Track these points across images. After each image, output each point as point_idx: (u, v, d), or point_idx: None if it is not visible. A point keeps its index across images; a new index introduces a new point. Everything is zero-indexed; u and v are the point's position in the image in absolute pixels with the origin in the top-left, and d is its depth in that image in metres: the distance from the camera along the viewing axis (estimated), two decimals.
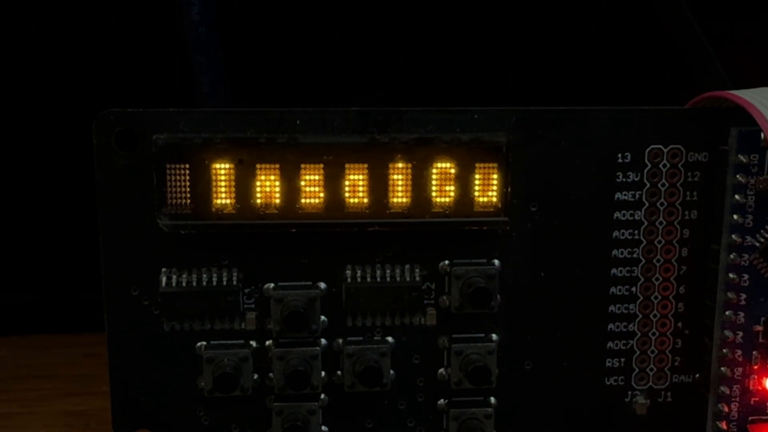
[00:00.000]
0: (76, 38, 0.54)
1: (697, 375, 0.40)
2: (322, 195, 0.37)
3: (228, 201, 0.37)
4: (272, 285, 0.38)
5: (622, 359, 0.40)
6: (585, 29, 0.58)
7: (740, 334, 0.38)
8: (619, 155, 0.38)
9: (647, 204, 0.39)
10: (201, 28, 0.49)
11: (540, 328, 0.39)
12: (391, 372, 0.39)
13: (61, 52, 0.54)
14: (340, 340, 0.39)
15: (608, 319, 0.40)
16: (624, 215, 0.39)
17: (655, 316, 0.40)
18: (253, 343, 0.38)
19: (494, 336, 0.39)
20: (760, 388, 0.39)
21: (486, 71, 0.57)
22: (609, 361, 0.40)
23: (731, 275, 0.38)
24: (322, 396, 0.39)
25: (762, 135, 0.37)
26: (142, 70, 0.54)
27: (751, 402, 0.39)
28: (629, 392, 0.40)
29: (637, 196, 0.39)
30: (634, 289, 0.39)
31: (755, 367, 0.39)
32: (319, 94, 0.56)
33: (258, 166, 0.37)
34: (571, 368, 0.40)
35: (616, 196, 0.39)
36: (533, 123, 0.38)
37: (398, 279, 0.38)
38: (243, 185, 0.37)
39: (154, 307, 0.38)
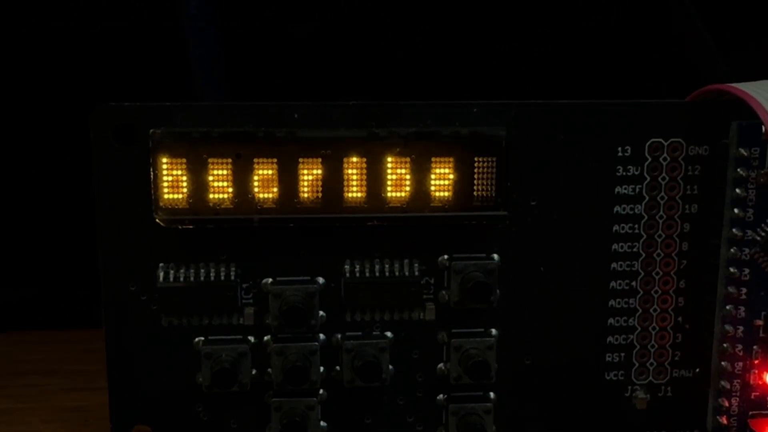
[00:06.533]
0: (74, 32, 0.54)
1: (698, 370, 0.40)
2: (320, 189, 0.37)
3: (226, 195, 0.37)
4: (270, 280, 0.38)
5: (622, 354, 0.40)
6: (585, 22, 0.58)
7: (741, 328, 0.38)
8: (619, 149, 0.38)
9: (647, 198, 0.39)
10: (199, 22, 0.49)
11: (539, 323, 0.39)
12: (390, 367, 0.39)
13: (58, 45, 0.54)
14: (339, 336, 0.39)
15: (608, 313, 0.39)
16: (624, 209, 0.39)
17: (655, 310, 0.40)
18: (252, 339, 0.38)
19: (494, 331, 0.39)
20: (760, 382, 0.39)
21: (486, 64, 0.57)
22: (609, 356, 0.40)
23: (732, 269, 0.38)
24: (321, 391, 0.39)
25: (763, 128, 0.37)
26: (140, 64, 0.54)
27: (752, 397, 0.39)
28: (629, 387, 0.40)
29: (638, 190, 0.38)
30: (634, 283, 0.39)
31: (756, 361, 0.39)
32: (317, 87, 0.56)
33: (256, 160, 0.36)
34: (570, 363, 0.40)
35: (616, 189, 0.38)
36: (533, 117, 0.38)
37: (397, 274, 0.38)
38: (241, 179, 0.37)
39: (152, 303, 0.38)
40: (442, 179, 0.37)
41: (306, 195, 0.37)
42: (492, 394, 0.40)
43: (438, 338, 0.39)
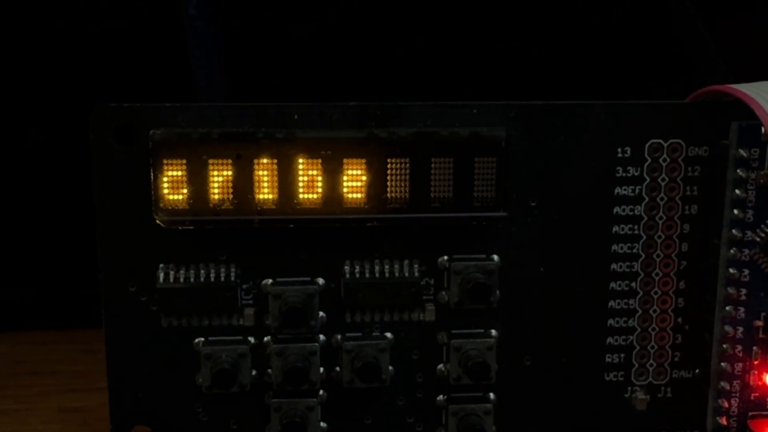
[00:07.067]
0: (74, 32, 0.54)
1: (697, 370, 0.40)
2: (320, 190, 0.37)
3: (226, 196, 0.37)
4: (270, 281, 0.38)
5: (622, 355, 0.40)
6: (585, 22, 0.58)
7: (740, 329, 0.38)
8: (619, 150, 0.38)
9: (647, 199, 0.39)
10: (198, 22, 0.49)
11: (539, 324, 0.39)
12: (390, 368, 0.39)
13: (58, 45, 0.54)
14: (339, 336, 0.39)
15: (608, 314, 0.39)
16: (624, 210, 0.39)
17: (655, 311, 0.40)
18: (252, 339, 0.38)
19: (493, 332, 0.39)
20: (760, 383, 0.39)
21: (486, 64, 0.57)
22: (609, 357, 0.40)
23: (731, 270, 0.38)
24: (321, 392, 0.39)
25: (762, 129, 0.37)
26: (140, 64, 0.54)
27: (751, 397, 0.39)
28: (629, 388, 0.40)
29: (637, 190, 0.38)
30: (633, 284, 0.39)
31: (755, 362, 0.39)
32: (317, 87, 0.56)
33: (256, 161, 0.36)
34: (570, 364, 0.40)
35: (616, 190, 0.38)
36: (532, 118, 0.38)
37: (397, 275, 0.38)
38: (241, 180, 0.36)
39: (151, 303, 0.38)
40: (441, 180, 0.37)
41: (306, 196, 0.37)
42: (492, 395, 0.40)
43: (438, 339, 0.39)
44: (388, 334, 0.39)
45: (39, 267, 0.56)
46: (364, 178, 0.37)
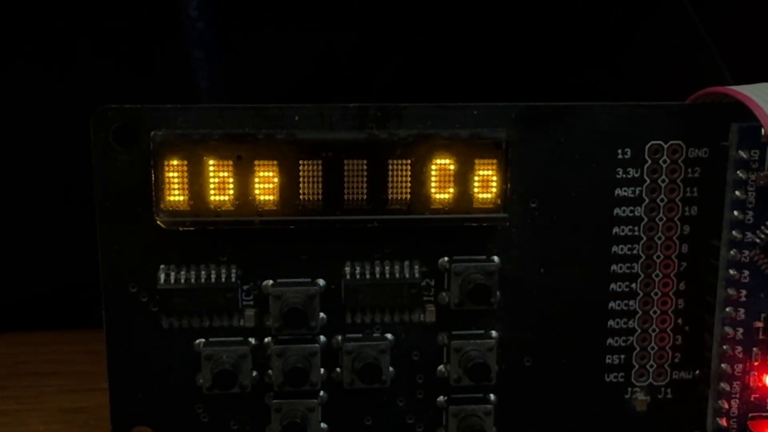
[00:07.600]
0: (74, 32, 0.54)
1: (697, 371, 0.40)
2: (320, 191, 0.37)
3: (226, 197, 0.37)
4: (271, 282, 0.38)
5: (622, 356, 0.40)
6: (585, 22, 0.58)
7: (740, 330, 0.38)
8: (619, 151, 0.38)
9: (647, 200, 0.39)
10: (199, 23, 0.49)
11: (539, 325, 0.39)
12: (391, 369, 0.39)
13: (58, 45, 0.54)
14: (339, 337, 0.39)
15: (608, 315, 0.39)
16: (624, 211, 0.39)
17: (655, 312, 0.40)
18: (252, 340, 0.38)
19: (494, 333, 0.39)
20: (760, 384, 0.39)
21: (486, 65, 0.57)
22: (609, 358, 0.40)
23: (731, 271, 0.38)
24: (321, 393, 0.39)
25: (762, 131, 0.37)
26: (140, 64, 0.54)
27: (752, 399, 0.39)
28: (629, 389, 0.40)
29: (637, 192, 0.39)
30: (634, 285, 0.39)
31: (755, 363, 0.39)
32: (317, 89, 0.56)
33: (256, 162, 0.36)
34: (570, 365, 0.40)
35: (616, 192, 0.38)
36: (533, 119, 0.38)
37: (397, 275, 0.38)
38: (241, 181, 0.37)
39: (152, 304, 0.38)
40: (442, 181, 0.37)
41: (306, 197, 0.37)
42: (492, 396, 0.40)
43: (438, 340, 0.39)
44: (389, 335, 0.39)
45: (39, 267, 0.55)
46: (364, 179, 0.37)
